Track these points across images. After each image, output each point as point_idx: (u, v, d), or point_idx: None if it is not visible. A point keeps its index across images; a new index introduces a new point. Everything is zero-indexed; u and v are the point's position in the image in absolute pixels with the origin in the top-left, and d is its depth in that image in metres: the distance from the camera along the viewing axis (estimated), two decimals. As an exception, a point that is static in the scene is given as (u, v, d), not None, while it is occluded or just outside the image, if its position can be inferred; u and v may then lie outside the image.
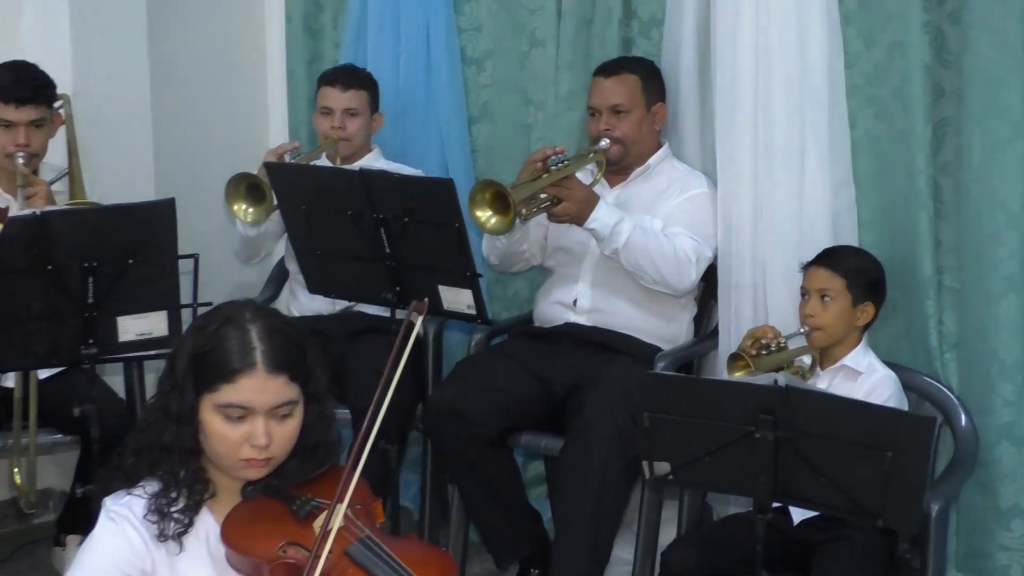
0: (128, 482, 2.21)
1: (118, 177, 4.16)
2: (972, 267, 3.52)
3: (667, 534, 3.68)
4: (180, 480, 2.18)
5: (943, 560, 3.33)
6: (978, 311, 3.52)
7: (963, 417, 3.44)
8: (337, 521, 2.10)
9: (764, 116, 3.71)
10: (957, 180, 3.56)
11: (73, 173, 3.92)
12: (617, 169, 3.90)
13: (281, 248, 4.43)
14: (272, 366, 2.13)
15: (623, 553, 3.72)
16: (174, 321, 3.32)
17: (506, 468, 3.78)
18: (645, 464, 3.05)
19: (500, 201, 3.54)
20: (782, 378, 3.01)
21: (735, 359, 3.38)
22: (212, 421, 2.14)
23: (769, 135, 3.71)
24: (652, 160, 3.92)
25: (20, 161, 3.71)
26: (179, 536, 2.16)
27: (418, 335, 3.91)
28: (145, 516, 2.16)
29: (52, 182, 3.82)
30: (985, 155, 3.44)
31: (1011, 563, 3.52)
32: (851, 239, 3.67)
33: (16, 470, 3.90)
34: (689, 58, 4.00)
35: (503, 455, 3.76)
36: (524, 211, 3.61)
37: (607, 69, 3.89)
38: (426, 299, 2.44)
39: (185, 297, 3.37)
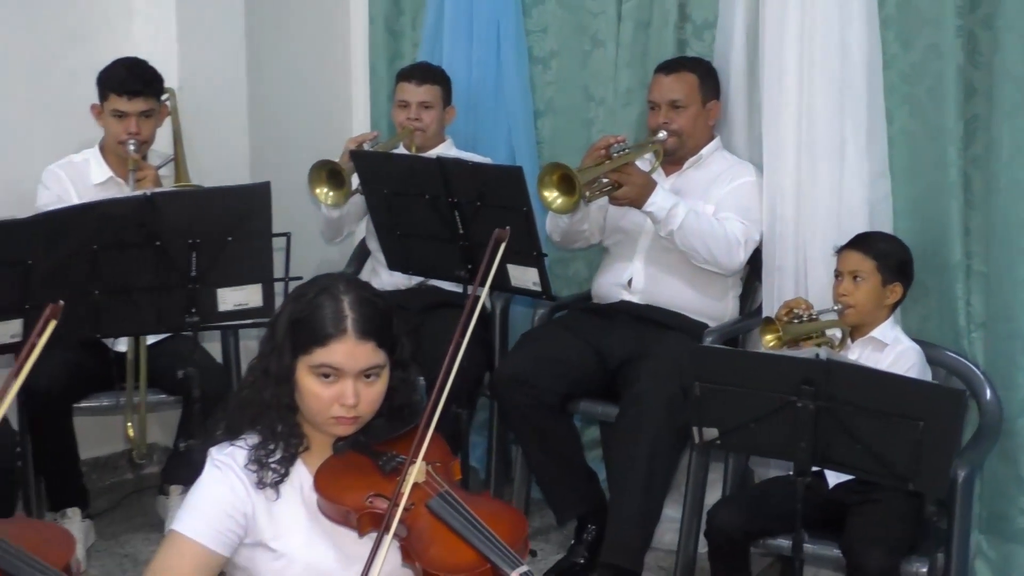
0: (231, 435, 2.24)
1: (217, 163, 4.20)
2: (999, 253, 3.48)
3: (712, 495, 3.65)
4: (277, 434, 2.20)
5: (968, 522, 3.28)
6: (1004, 294, 3.47)
7: (988, 391, 3.40)
8: (412, 478, 2.10)
9: (807, 112, 3.67)
10: (986, 172, 3.51)
11: (178, 159, 3.97)
12: (672, 159, 3.87)
13: (362, 229, 4.45)
14: (361, 333, 2.14)
15: (672, 512, 3.70)
16: (268, 293, 3.35)
17: (566, 432, 3.78)
18: (695, 430, 3.05)
19: (566, 183, 3.54)
20: (823, 352, 2.99)
21: (768, 323, 3.38)
22: (306, 381, 2.16)
23: (812, 130, 3.67)
24: (705, 151, 3.89)
25: (131, 148, 3.76)
26: (276, 484, 2.18)
27: (486, 309, 4.01)
28: (246, 465, 2.18)
29: (159, 167, 3.87)
30: (1013, 149, 3.39)
31: None
32: (886, 227, 3.62)
33: (129, 425, 3.95)
34: (739, 58, 3.96)
35: (563, 420, 3.75)
36: (588, 193, 3.60)
37: (668, 67, 3.87)
38: (508, 227, 2.40)
39: (278, 272, 3.41)
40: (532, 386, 3.63)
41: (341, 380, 2.14)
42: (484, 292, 2.36)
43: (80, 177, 3.87)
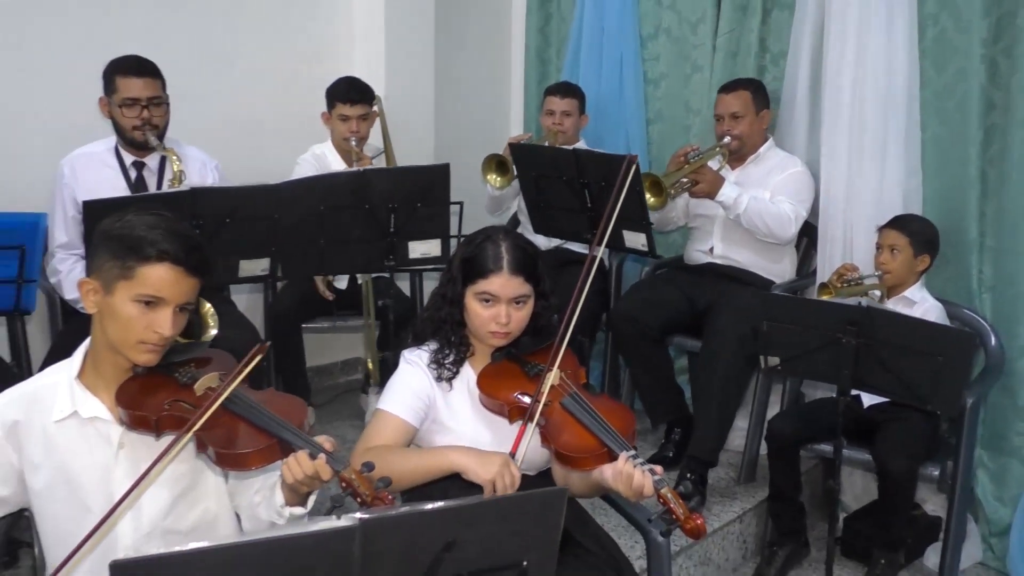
0: (418, 342, 2.27)
1: (412, 151, 4.21)
2: (1007, 233, 3.37)
3: (772, 410, 3.58)
4: (451, 342, 2.22)
5: (973, 439, 3.19)
6: (1009, 264, 3.37)
7: (993, 339, 3.30)
8: (549, 381, 2.11)
9: (858, 122, 3.56)
10: (1000, 170, 3.37)
11: (386, 151, 3.99)
12: (736, 157, 3.78)
13: (514, 206, 4.45)
14: (513, 269, 2.14)
15: (740, 422, 3.63)
16: (445, 246, 3.34)
17: (662, 358, 3.72)
18: (761, 358, 2.99)
19: (656, 187, 3.52)
20: (865, 301, 2.91)
21: (823, 287, 3.34)
22: (472, 304, 2.17)
23: (861, 135, 3.56)
24: (761, 150, 3.78)
25: (353, 142, 3.81)
26: (449, 380, 2.21)
27: (604, 265, 3.99)
28: (428, 364, 2.21)
29: (373, 158, 3.90)
30: (1023, 152, 3.28)
31: (1022, 445, 3.39)
32: (917, 211, 3.50)
33: (370, 364, 3.98)
34: (804, 79, 3.85)
35: (660, 349, 3.70)
36: (672, 192, 3.58)
37: (727, 88, 3.77)
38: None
39: (452, 231, 3.41)
40: (638, 323, 3.60)
41: (497, 304, 2.15)
42: (609, 229, 2.34)
43: (320, 164, 3.93)
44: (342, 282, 3.94)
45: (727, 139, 3.70)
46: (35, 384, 1.84)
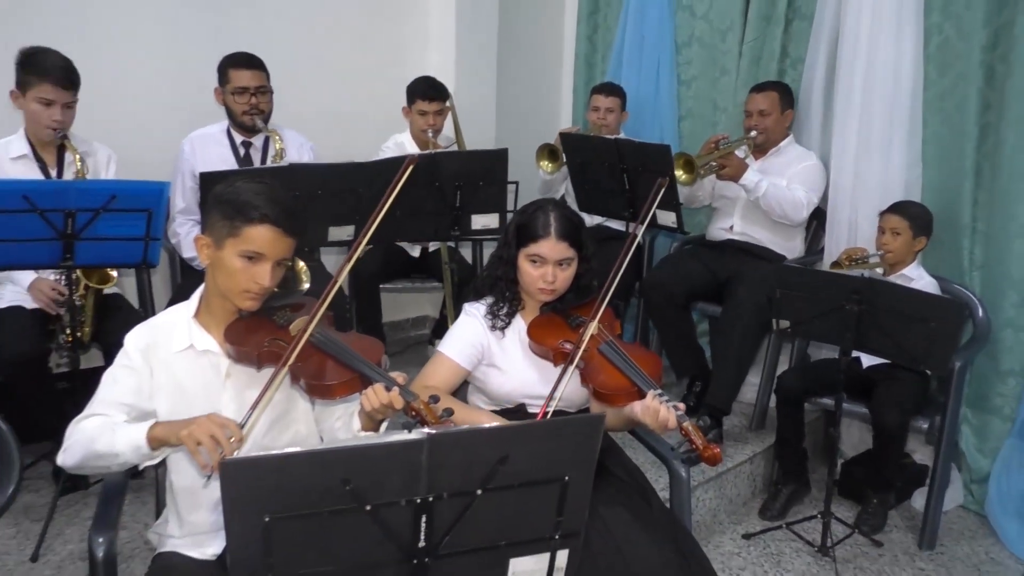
0: (476, 296, 2.27)
1: (477, 139, 4.19)
2: (997, 219, 3.27)
3: (781, 367, 3.54)
4: (505, 297, 2.22)
5: (960, 398, 3.10)
6: (997, 246, 3.28)
7: (981, 311, 3.22)
8: (590, 331, 2.09)
9: (867, 120, 3.49)
10: (993, 163, 3.28)
11: (458, 142, 3.97)
12: (760, 149, 3.70)
13: (562, 189, 4.41)
14: (560, 235, 2.12)
15: (752, 378, 3.59)
16: (502, 219, 3.32)
17: (686, 321, 3.67)
18: (774, 321, 2.95)
19: (688, 165, 3.46)
20: (866, 273, 2.84)
21: (834, 264, 3.29)
22: (524, 264, 2.16)
23: (869, 132, 3.49)
24: (782, 144, 3.69)
25: (429, 134, 3.78)
26: (503, 328, 2.20)
27: (640, 242, 3.94)
28: (485, 315, 2.21)
29: (447, 147, 3.88)
30: (1014, 147, 3.18)
31: (1004, 404, 3.33)
32: (917, 198, 3.41)
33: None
34: (819, 82, 3.76)
35: (685, 313, 3.65)
36: (702, 171, 3.51)
37: (758, 88, 3.69)
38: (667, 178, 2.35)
39: (509, 206, 3.39)
40: (666, 290, 3.55)
41: (545, 265, 2.14)
42: (643, 228, 2.31)
43: (400, 151, 3.91)
44: (416, 251, 3.95)
45: (754, 133, 3.63)
46: (160, 320, 1.88)
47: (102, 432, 1.70)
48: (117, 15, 3.53)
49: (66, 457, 1.72)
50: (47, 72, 2.82)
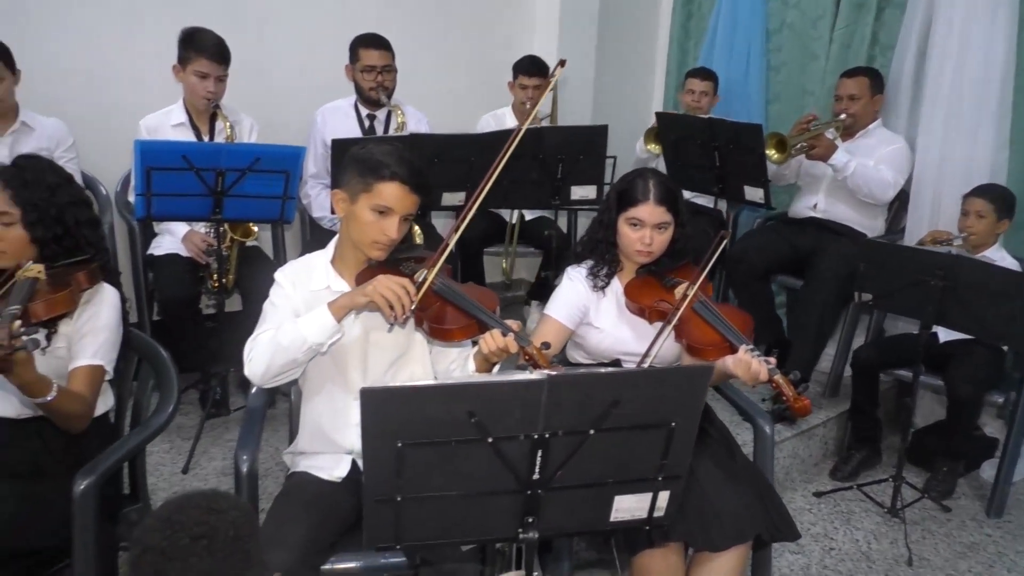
0: (578, 260, 2.21)
1: (575, 116, 4.12)
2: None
3: (858, 341, 3.38)
4: (605, 259, 2.16)
5: (1036, 375, 2.91)
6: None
7: (1064, 291, 2.97)
8: (684, 290, 2.04)
9: (955, 103, 3.29)
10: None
11: (552, 115, 3.91)
12: (849, 132, 3.50)
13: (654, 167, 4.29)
14: (658, 200, 2.06)
15: (828, 349, 3.43)
16: (600, 190, 3.26)
17: (766, 292, 3.55)
18: (856, 294, 2.81)
19: (780, 144, 3.30)
20: (953, 250, 2.67)
21: (920, 244, 3.08)
22: (623, 228, 2.10)
23: (957, 116, 3.30)
24: (870, 127, 3.48)
25: (528, 106, 3.70)
26: (602, 289, 2.15)
27: (723, 216, 3.81)
28: (586, 276, 2.16)
29: (542, 119, 3.80)
30: None
31: None
32: (1002, 181, 3.19)
33: (504, 264, 3.95)
34: (909, 68, 3.54)
35: (766, 285, 3.53)
36: (793, 151, 3.34)
37: (849, 73, 3.48)
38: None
39: (607, 179, 3.30)
40: (749, 262, 3.43)
41: (643, 228, 2.07)
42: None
43: (498, 122, 3.87)
44: (513, 217, 3.90)
45: (843, 116, 3.44)
46: (304, 261, 1.92)
47: (282, 331, 1.72)
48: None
49: (253, 367, 1.74)
50: (204, 48, 2.90)
